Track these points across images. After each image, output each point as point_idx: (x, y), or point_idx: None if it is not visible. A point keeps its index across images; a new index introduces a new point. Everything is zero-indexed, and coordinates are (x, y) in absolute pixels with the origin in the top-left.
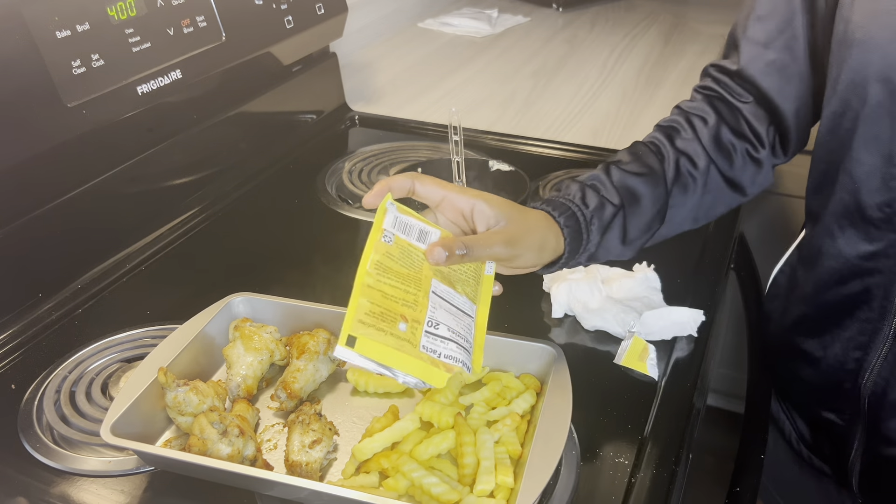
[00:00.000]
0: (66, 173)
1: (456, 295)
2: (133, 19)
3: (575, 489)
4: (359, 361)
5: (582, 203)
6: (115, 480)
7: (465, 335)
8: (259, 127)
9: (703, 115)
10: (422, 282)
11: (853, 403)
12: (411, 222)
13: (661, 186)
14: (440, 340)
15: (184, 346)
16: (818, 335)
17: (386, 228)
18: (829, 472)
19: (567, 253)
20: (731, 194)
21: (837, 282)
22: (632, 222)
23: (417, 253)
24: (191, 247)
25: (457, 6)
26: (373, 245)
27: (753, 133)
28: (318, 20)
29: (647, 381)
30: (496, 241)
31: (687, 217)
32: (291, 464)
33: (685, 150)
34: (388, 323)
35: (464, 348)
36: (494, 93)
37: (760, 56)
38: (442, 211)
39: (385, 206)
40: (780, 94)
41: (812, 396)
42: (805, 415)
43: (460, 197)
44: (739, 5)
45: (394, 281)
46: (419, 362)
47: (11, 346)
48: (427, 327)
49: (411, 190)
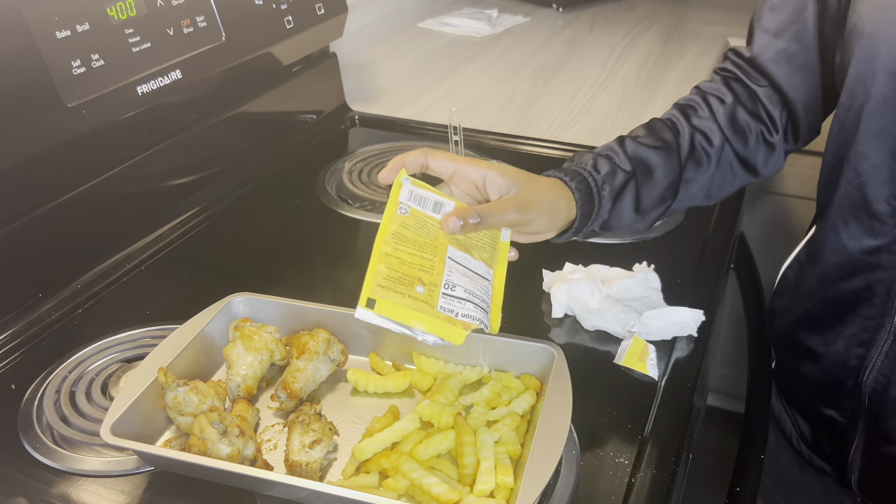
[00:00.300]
0: (66, 173)
1: (472, 260)
2: (133, 19)
3: (575, 489)
4: (379, 321)
5: (594, 169)
6: (115, 480)
7: (481, 296)
8: (259, 127)
9: (720, 96)
10: (438, 248)
11: (854, 401)
12: (426, 195)
13: (675, 160)
14: (457, 301)
15: (184, 346)
16: (821, 331)
17: (402, 201)
18: (829, 471)
19: (579, 217)
20: (743, 173)
21: (841, 277)
22: (645, 192)
23: (433, 223)
24: (191, 247)
25: (457, 6)
26: (389, 216)
27: (769, 116)
28: (318, 20)
29: (647, 381)
30: (509, 208)
31: (699, 192)
32: (291, 464)
33: (701, 127)
34: (405, 286)
35: (481, 308)
36: (494, 93)
37: (771, 45)
38: (455, 183)
39: (400, 181)
40: (788, 83)
41: (814, 393)
42: (806, 412)
43: (472, 168)
44: (739, 5)
45: (410, 248)
46: (437, 321)
47: (11, 346)
48: (444, 289)
49: (424, 165)
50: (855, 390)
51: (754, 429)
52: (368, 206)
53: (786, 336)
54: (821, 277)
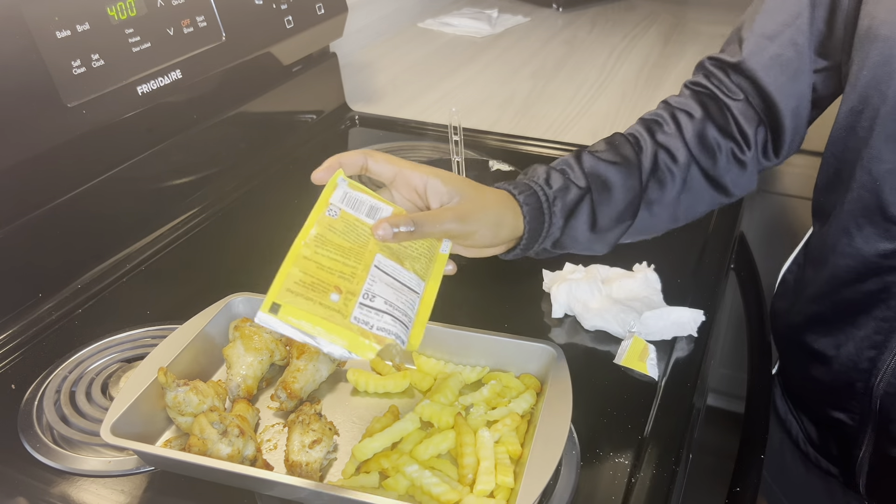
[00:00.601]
0: (66, 173)
1: (402, 271)
2: (133, 19)
3: (575, 489)
4: (282, 329)
5: (545, 183)
6: (115, 480)
7: (404, 309)
8: (259, 127)
9: (689, 111)
10: (364, 255)
11: (864, 404)
12: (362, 198)
13: (635, 178)
14: (374, 313)
15: (184, 346)
16: (831, 334)
17: (332, 203)
18: (836, 474)
19: (527, 233)
20: (713, 193)
21: (854, 280)
22: (601, 210)
23: (364, 228)
24: (191, 247)
25: (457, 6)
26: (315, 219)
27: (741, 133)
28: (318, 20)
29: (647, 381)
30: (447, 217)
31: (663, 213)
32: (291, 464)
33: (665, 143)
34: (318, 293)
35: (400, 322)
36: (494, 93)
37: (764, 49)
38: (397, 188)
39: (335, 182)
40: (778, 90)
41: (822, 396)
42: (813, 415)
43: (413, 174)
44: (739, 5)
45: (332, 253)
46: (347, 332)
47: (11, 346)
48: (362, 299)
49: (364, 167)
50: (866, 393)
51: (754, 429)
52: None
53: (791, 338)
54: (830, 280)
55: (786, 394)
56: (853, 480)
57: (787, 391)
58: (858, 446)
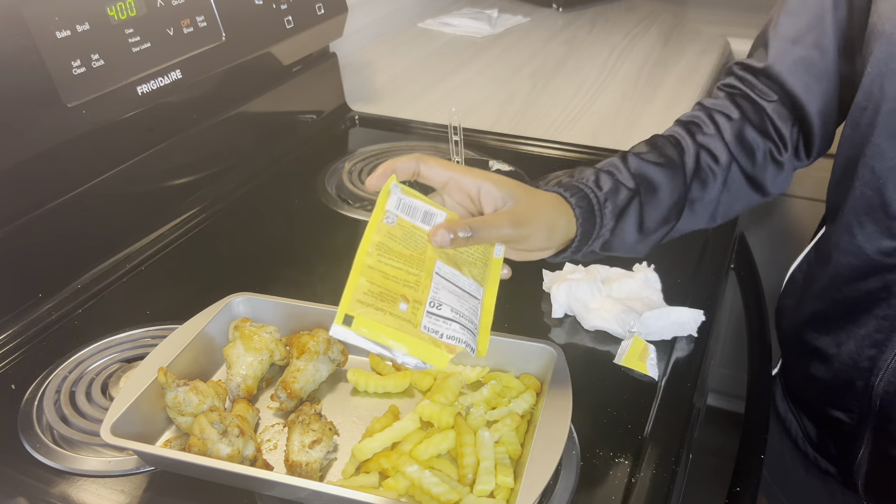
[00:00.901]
0: (66, 173)
1: (462, 277)
2: (133, 19)
3: (575, 489)
4: (356, 340)
5: (596, 186)
6: (115, 480)
7: (469, 316)
8: (259, 127)
9: (727, 112)
10: (425, 263)
11: (864, 403)
12: (416, 204)
13: (680, 178)
14: (442, 321)
15: (184, 346)
16: (832, 332)
17: (389, 210)
18: (835, 473)
19: (579, 235)
20: (751, 193)
21: (856, 278)
22: (648, 211)
23: (421, 235)
24: (191, 247)
25: (457, 6)
26: (375, 226)
27: (777, 133)
28: (318, 20)
29: (647, 381)
30: (503, 223)
31: (704, 213)
32: (291, 464)
33: (706, 144)
34: (387, 303)
35: (468, 329)
36: (494, 93)
37: (788, 52)
38: (449, 193)
39: (389, 188)
40: (805, 92)
41: (822, 395)
42: (813, 414)
43: (466, 178)
44: (739, 5)
45: (395, 262)
46: (420, 342)
47: (11, 346)
48: (429, 308)
49: (416, 172)
50: (865, 392)
51: (754, 429)
52: (368, 206)
53: (794, 336)
54: (833, 278)
55: (786, 393)
56: (851, 480)
57: (787, 390)
58: (858, 445)
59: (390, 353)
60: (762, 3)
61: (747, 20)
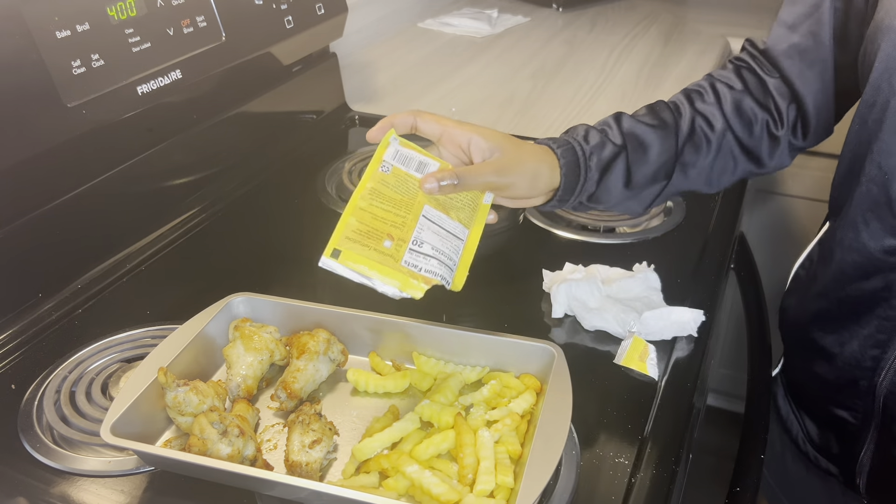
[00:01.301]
0: (66, 173)
1: (448, 220)
2: (133, 19)
3: (575, 489)
4: (341, 271)
5: (584, 140)
6: (115, 480)
7: (449, 254)
8: (259, 127)
9: (730, 83)
10: (413, 206)
11: (867, 402)
12: (412, 155)
13: (671, 140)
14: (423, 257)
15: (184, 346)
16: (836, 331)
17: (385, 160)
18: (836, 473)
19: (563, 185)
20: (746, 162)
21: (859, 277)
22: (637, 168)
23: (414, 182)
24: (191, 247)
25: (457, 6)
26: (370, 174)
27: (776, 108)
28: (318, 20)
29: (647, 381)
30: (487, 171)
31: (698, 177)
32: (291, 464)
33: (703, 111)
34: (373, 240)
35: (445, 265)
36: (494, 93)
37: (785, 38)
38: (443, 145)
39: (388, 140)
40: (799, 77)
41: (825, 394)
42: (815, 413)
43: (457, 131)
44: (739, 5)
45: (386, 205)
46: (399, 273)
47: (11, 346)
48: (412, 245)
49: (414, 126)
50: (869, 391)
51: (754, 429)
52: None
53: (797, 335)
54: (836, 276)
55: (788, 393)
56: (853, 479)
57: (789, 390)
58: (860, 445)
59: (370, 282)
60: (762, 3)
61: (747, 20)
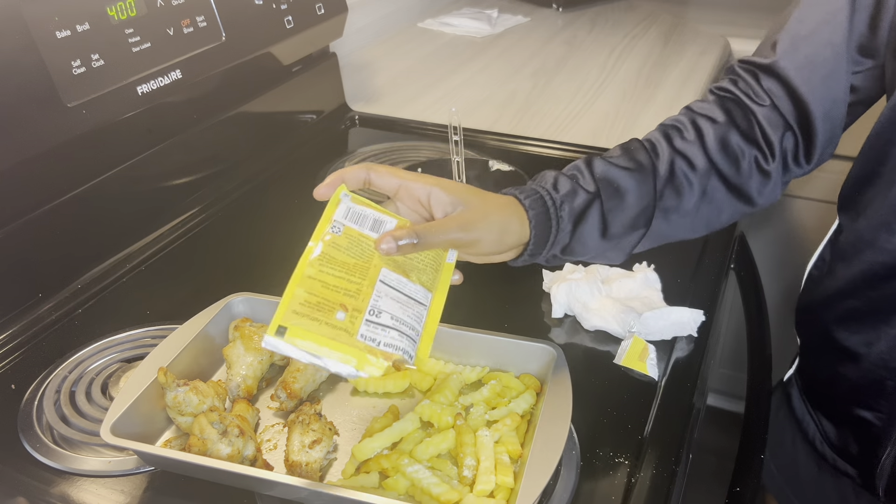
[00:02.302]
0: (66, 173)
1: (408, 284)
2: (133, 19)
3: (575, 489)
4: (288, 351)
5: (553, 188)
6: (115, 480)
7: (411, 323)
8: (259, 127)
9: (712, 116)
10: (369, 271)
11: (893, 403)
12: (366, 212)
13: (649, 184)
14: (381, 328)
15: (184, 346)
16: (862, 331)
17: (336, 219)
18: (854, 475)
19: (533, 239)
20: (735, 203)
21: (890, 277)
22: (613, 216)
23: (368, 243)
24: (191, 247)
25: (457, 6)
26: (319, 237)
27: (766, 141)
28: (318, 20)
29: (647, 381)
30: (451, 227)
31: (684, 223)
32: (291, 464)
33: (683, 150)
34: (324, 313)
35: (408, 336)
36: (494, 93)
37: (798, 49)
38: (401, 200)
39: (338, 197)
40: (811, 92)
41: (848, 395)
42: (835, 414)
43: (415, 185)
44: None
45: (337, 271)
46: (354, 350)
47: (11, 346)
48: (368, 316)
49: (367, 181)
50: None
51: (754, 429)
52: None
53: (819, 336)
54: (865, 276)
55: (804, 393)
56: (872, 482)
57: (806, 390)
58: (883, 447)
59: (321, 362)
60: (762, 4)
61: (747, 20)
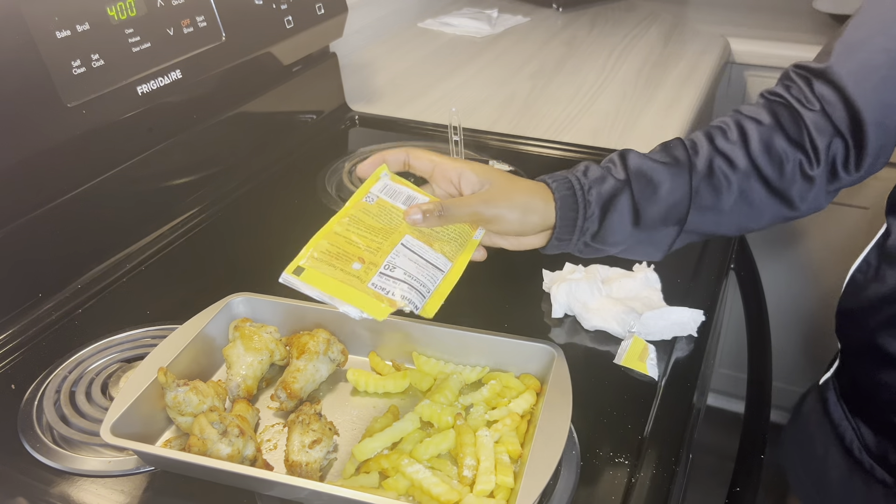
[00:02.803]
0: (66, 173)
1: (430, 251)
2: (133, 19)
3: (575, 489)
4: (301, 288)
5: (582, 174)
6: (115, 480)
7: (423, 281)
8: (259, 127)
9: (758, 119)
10: (393, 235)
11: None
12: (401, 189)
13: (684, 178)
14: (392, 280)
15: (184, 346)
16: None
17: (372, 192)
18: (891, 483)
19: (559, 220)
20: (776, 206)
21: None
22: (645, 206)
23: (398, 213)
24: (191, 247)
25: (457, 6)
26: (354, 202)
27: (812, 145)
28: (318, 20)
29: (647, 381)
30: (473, 202)
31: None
32: (291, 464)
33: (724, 150)
34: (341, 261)
35: (417, 291)
36: (494, 93)
37: (852, 56)
38: (436, 181)
39: (378, 175)
40: (864, 98)
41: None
42: (875, 421)
43: (448, 165)
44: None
45: (363, 231)
46: (363, 295)
47: (11, 346)
48: (383, 269)
49: (406, 163)
50: None
51: (754, 429)
52: None
53: (862, 341)
54: None
55: (842, 398)
56: None
57: (844, 395)
58: None
59: (333, 302)
60: (762, 3)
61: (747, 20)
